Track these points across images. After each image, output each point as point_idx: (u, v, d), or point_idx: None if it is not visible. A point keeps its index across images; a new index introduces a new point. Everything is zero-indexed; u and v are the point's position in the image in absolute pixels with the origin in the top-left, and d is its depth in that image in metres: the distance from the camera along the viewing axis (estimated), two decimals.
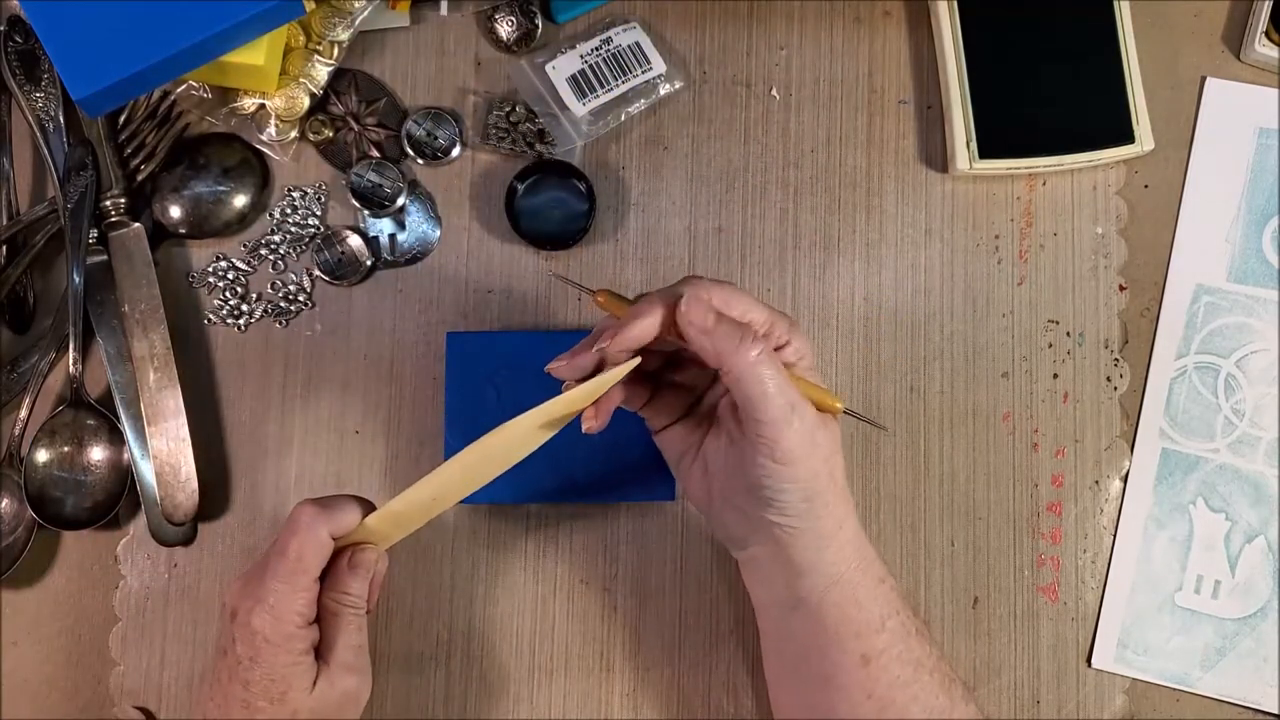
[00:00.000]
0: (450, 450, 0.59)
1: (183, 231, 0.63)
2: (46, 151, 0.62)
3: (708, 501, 0.53)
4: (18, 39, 0.63)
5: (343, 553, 0.51)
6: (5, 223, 0.62)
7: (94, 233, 0.62)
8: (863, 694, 0.50)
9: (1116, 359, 0.64)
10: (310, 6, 0.60)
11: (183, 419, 0.60)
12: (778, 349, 0.50)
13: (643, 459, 0.61)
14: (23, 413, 0.61)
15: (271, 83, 0.62)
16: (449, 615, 0.61)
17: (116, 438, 0.61)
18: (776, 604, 0.53)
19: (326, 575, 0.51)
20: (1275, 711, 0.61)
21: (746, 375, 0.47)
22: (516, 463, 0.51)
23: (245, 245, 0.64)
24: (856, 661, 0.50)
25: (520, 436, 0.50)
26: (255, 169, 0.64)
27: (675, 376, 0.54)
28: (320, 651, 0.50)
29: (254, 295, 0.64)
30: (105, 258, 0.62)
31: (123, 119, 0.63)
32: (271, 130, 0.63)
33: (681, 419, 0.54)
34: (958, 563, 0.62)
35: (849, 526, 0.51)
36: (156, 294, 0.61)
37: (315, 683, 0.50)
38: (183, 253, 0.64)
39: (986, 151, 0.63)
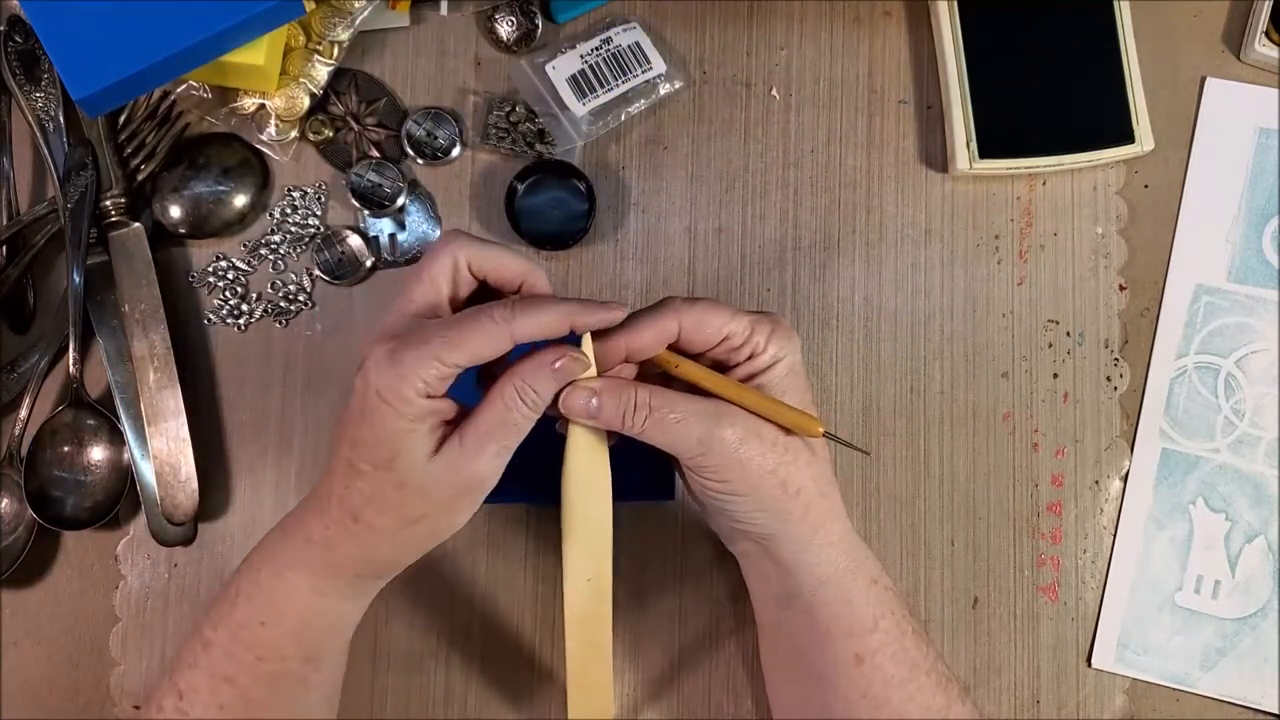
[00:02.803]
0: None
1: (183, 231, 0.63)
2: (46, 151, 0.62)
3: (700, 494, 0.54)
4: (18, 39, 0.63)
5: (555, 348, 0.47)
6: (5, 223, 0.62)
7: (94, 233, 0.62)
8: (857, 693, 0.50)
9: (1116, 359, 0.64)
10: (310, 6, 0.60)
11: (183, 419, 0.60)
12: (752, 357, 0.49)
13: (643, 459, 0.61)
14: (23, 413, 0.61)
15: (271, 83, 0.62)
16: (449, 615, 0.61)
17: (116, 438, 0.61)
18: (771, 598, 0.53)
19: (525, 356, 0.47)
20: (1275, 711, 0.61)
21: (645, 438, 0.48)
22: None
23: (245, 245, 0.64)
24: (850, 660, 0.50)
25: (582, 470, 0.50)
26: (255, 169, 0.64)
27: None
28: (462, 427, 0.46)
29: (254, 295, 0.63)
30: (105, 258, 0.62)
31: (123, 119, 0.63)
32: (271, 130, 0.63)
33: None
34: (958, 563, 0.62)
35: (832, 530, 0.51)
36: (156, 294, 0.61)
37: (436, 453, 0.46)
38: (183, 253, 0.64)
39: (986, 151, 0.63)
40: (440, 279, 0.47)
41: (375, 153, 0.64)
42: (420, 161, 0.64)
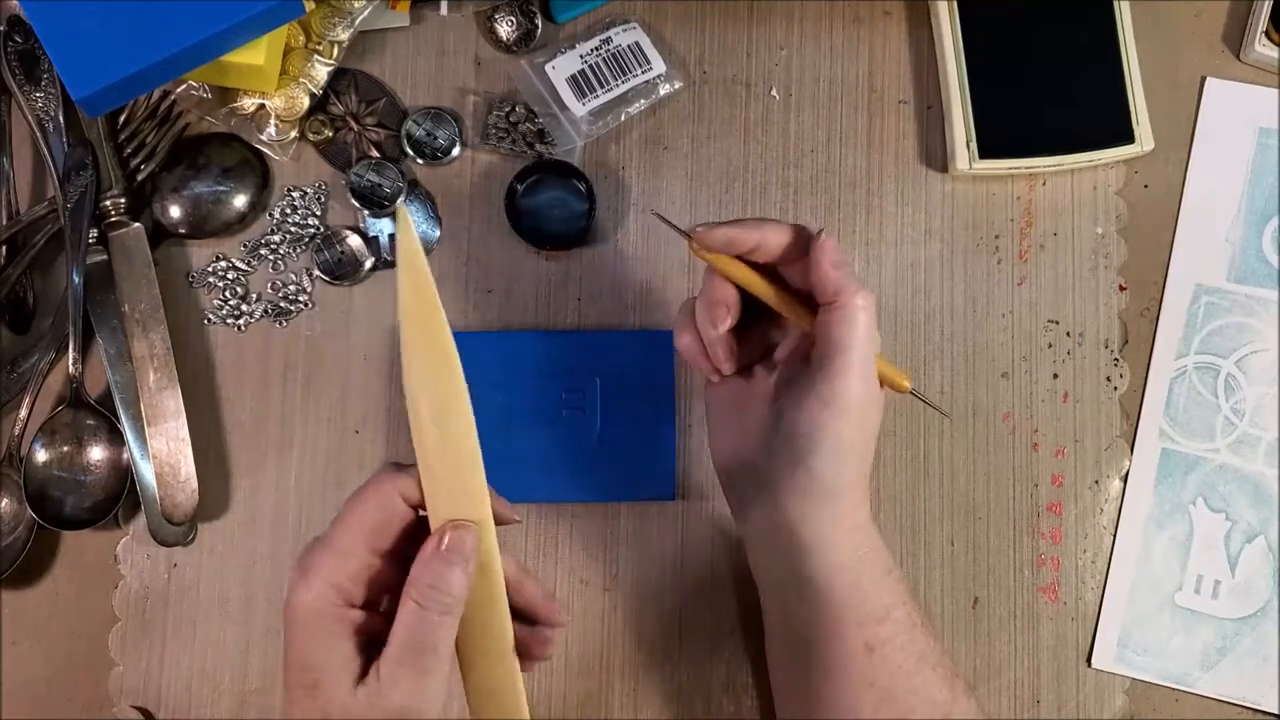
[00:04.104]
0: None
1: (183, 231, 0.63)
2: (46, 151, 0.62)
3: (733, 457, 0.53)
4: (18, 39, 0.63)
5: (432, 535, 0.42)
6: (5, 223, 0.62)
7: (94, 233, 0.62)
8: (865, 682, 0.50)
9: (1116, 359, 0.64)
10: (310, 6, 0.60)
11: (183, 419, 0.60)
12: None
13: (642, 459, 0.61)
14: (23, 413, 0.61)
15: (271, 83, 0.62)
16: None
17: (116, 438, 0.61)
18: (781, 584, 0.52)
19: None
20: (1275, 711, 0.61)
21: (849, 316, 0.48)
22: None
23: (245, 245, 0.64)
24: (860, 649, 0.50)
25: None
26: (255, 169, 0.64)
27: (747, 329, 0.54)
28: (379, 657, 0.42)
29: (254, 295, 0.63)
30: (105, 258, 0.62)
31: (123, 119, 0.63)
32: (271, 130, 0.63)
33: (742, 369, 0.54)
34: (958, 563, 0.62)
35: (859, 516, 0.51)
36: (156, 294, 0.61)
37: (359, 683, 0.41)
38: (183, 253, 0.64)
39: (986, 151, 0.63)
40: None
41: (375, 153, 0.64)
42: (420, 161, 0.64)
